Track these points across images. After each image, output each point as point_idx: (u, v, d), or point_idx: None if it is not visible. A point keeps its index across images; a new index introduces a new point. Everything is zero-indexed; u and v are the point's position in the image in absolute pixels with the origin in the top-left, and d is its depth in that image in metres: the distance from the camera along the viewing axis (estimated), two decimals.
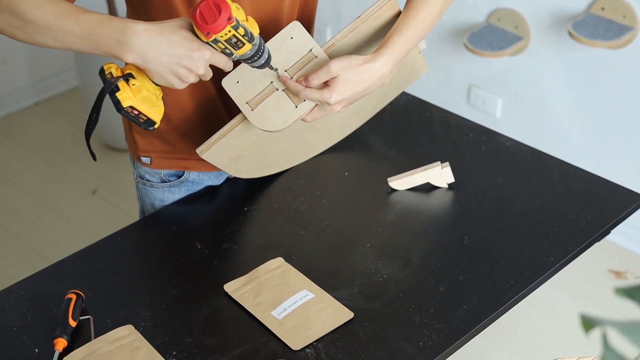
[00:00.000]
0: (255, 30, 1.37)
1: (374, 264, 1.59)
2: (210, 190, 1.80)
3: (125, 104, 1.38)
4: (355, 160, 1.88)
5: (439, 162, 1.78)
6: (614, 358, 0.63)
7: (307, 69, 1.50)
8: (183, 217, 1.74)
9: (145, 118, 1.42)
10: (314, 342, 1.43)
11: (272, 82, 1.51)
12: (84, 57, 3.49)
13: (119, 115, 1.85)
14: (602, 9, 2.77)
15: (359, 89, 1.48)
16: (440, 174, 1.77)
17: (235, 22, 1.30)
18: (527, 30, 3.00)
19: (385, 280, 1.55)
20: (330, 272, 1.57)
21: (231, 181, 1.83)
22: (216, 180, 1.81)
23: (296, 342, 1.42)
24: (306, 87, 1.48)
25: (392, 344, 1.42)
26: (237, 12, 1.32)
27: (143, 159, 1.75)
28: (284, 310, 1.48)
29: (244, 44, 1.35)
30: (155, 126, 1.45)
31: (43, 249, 3.16)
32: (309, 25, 1.69)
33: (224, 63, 1.39)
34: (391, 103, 2.06)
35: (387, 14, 1.56)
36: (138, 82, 1.38)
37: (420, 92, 2.28)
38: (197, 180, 1.78)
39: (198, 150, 1.59)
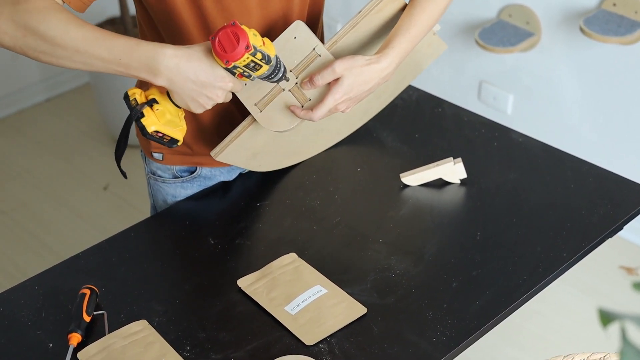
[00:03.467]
0: (271, 52, 1.42)
1: (386, 259, 1.59)
2: (222, 186, 1.81)
3: (150, 129, 1.45)
4: (368, 156, 1.88)
5: (452, 158, 1.78)
6: (632, 352, 0.63)
7: (312, 69, 1.50)
8: (196, 212, 1.74)
9: (169, 138, 1.50)
10: (328, 337, 1.43)
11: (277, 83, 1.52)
12: None
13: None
14: (614, 4, 2.77)
15: (364, 89, 1.50)
16: (452, 170, 1.77)
17: (253, 50, 1.35)
18: (539, 26, 3.00)
19: (398, 275, 1.55)
20: (343, 268, 1.58)
21: (244, 177, 1.83)
22: (228, 176, 1.81)
23: (310, 337, 1.43)
24: (311, 86, 1.49)
25: (405, 339, 1.42)
26: (254, 39, 1.36)
27: (155, 155, 1.75)
28: (298, 306, 1.48)
29: (261, 66, 1.40)
30: (179, 144, 1.51)
31: (54, 244, 3.17)
32: (316, 23, 1.69)
33: (241, 87, 1.47)
34: (402, 99, 2.07)
35: (390, 7, 1.56)
36: (161, 106, 1.45)
37: (431, 88, 2.28)
38: (209, 176, 1.78)
39: (212, 153, 1.62)
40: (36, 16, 1.36)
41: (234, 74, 1.40)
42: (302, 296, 1.50)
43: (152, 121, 1.45)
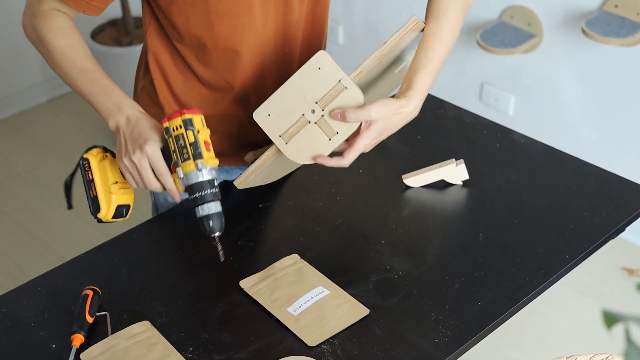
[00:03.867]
0: (207, 157, 1.44)
1: (389, 260, 1.59)
2: (224, 187, 1.81)
3: (86, 154, 1.54)
4: (370, 157, 1.88)
5: (454, 159, 1.78)
6: (637, 353, 0.63)
7: (339, 102, 1.50)
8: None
9: (94, 193, 1.53)
10: (330, 338, 1.43)
11: (303, 114, 1.51)
12: (97, 54, 3.50)
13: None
14: (616, 6, 2.77)
15: (390, 133, 1.54)
16: (454, 171, 1.77)
17: (188, 120, 1.43)
18: (540, 27, 3.00)
19: (401, 277, 1.55)
20: (345, 269, 1.58)
21: None
22: (228, 175, 1.82)
23: (312, 339, 1.43)
24: (341, 120, 1.50)
25: (407, 340, 1.42)
26: (197, 120, 1.44)
27: None
28: (300, 307, 1.48)
29: (188, 157, 1.43)
30: (99, 215, 1.54)
31: (56, 246, 3.17)
32: (322, 25, 1.70)
33: (161, 172, 1.46)
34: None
35: (412, 33, 1.57)
36: (110, 160, 1.54)
37: (433, 89, 2.28)
38: None
39: (235, 183, 1.63)
40: (47, 31, 1.57)
41: (168, 154, 1.45)
42: (304, 297, 1.50)
43: (91, 154, 1.54)
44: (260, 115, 1.54)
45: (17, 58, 3.92)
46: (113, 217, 1.54)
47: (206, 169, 1.44)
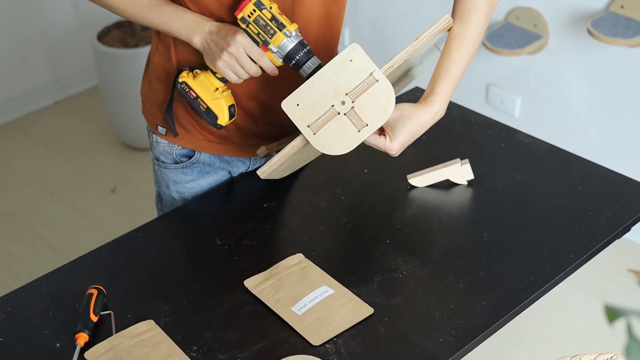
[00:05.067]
0: (287, 24, 1.55)
1: (393, 260, 1.59)
2: (229, 187, 1.81)
3: (180, 79, 1.64)
4: (374, 157, 1.88)
5: (459, 159, 1.78)
6: (638, 348, 0.63)
7: (370, 94, 1.50)
8: (203, 213, 1.75)
9: (205, 106, 1.64)
10: (334, 337, 1.43)
11: (333, 105, 1.51)
12: (104, 56, 3.51)
13: (138, 114, 1.88)
14: (622, 7, 2.76)
15: (417, 136, 1.58)
16: (459, 171, 1.77)
17: (258, 2, 1.53)
18: (546, 28, 3.00)
19: (405, 276, 1.55)
20: (349, 268, 1.58)
21: (250, 178, 1.83)
22: (228, 166, 1.83)
23: (316, 338, 1.43)
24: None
25: (412, 339, 1.42)
26: (268, 1, 1.54)
27: (160, 129, 1.79)
28: (304, 306, 1.48)
29: (275, 31, 1.54)
30: (219, 121, 1.65)
31: (62, 247, 3.18)
32: (337, 24, 1.70)
33: (257, 54, 1.56)
34: (409, 101, 2.06)
35: (443, 32, 1.57)
36: (201, 73, 1.63)
37: None
38: (208, 162, 1.80)
39: (259, 172, 1.62)
40: None
41: (251, 37, 1.55)
42: (308, 296, 1.50)
43: (185, 76, 1.64)
44: (289, 105, 1.53)
45: (23, 60, 3.93)
46: (229, 119, 1.65)
47: (293, 34, 1.55)
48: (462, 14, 1.58)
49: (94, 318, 1.46)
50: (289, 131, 1.77)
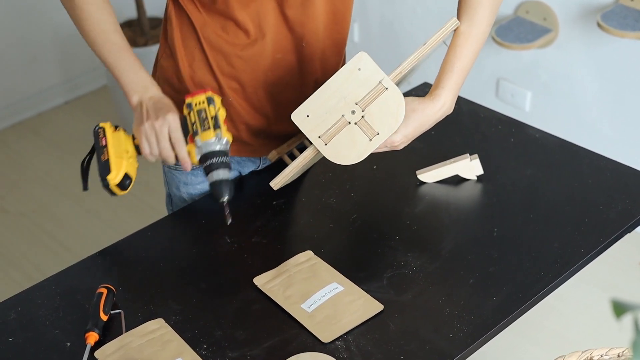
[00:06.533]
0: (224, 130, 1.55)
1: (403, 256, 1.58)
2: (238, 185, 1.81)
3: (101, 124, 1.64)
4: (383, 153, 1.87)
5: (468, 154, 1.77)
6: None
7: (380, 103, 1.50)
8: (212, 211, 1.74)
9: (106, 157, 1.61)
10: (344, 334, 1.43)
11: (343, 115, 1.51)
12: None
13: None
14: None
15: (423, 130, 1.59)
16: (469, 166, 1.76)
17: (211, 98, 1.55)
18: (556, 22, 2.99)
19: (415, 272, 1.55)
20: (359, 265, 1.57)
21: (259, 175, 1.83)
22: (239, 167, 1.82)
23: (326, 335, 1.43)
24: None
25: (422, 336, 1.42)
26: (217, 100, 1.56)
27: None
28: (314, 303, 1.48)
29: (209, 127, 1.53)
30: (109, 177, 1.59)
31: (73, 245, 3.19)
32: (344, 21, 1.70)
33: (177, 140, 1.54)
34: (419, 96, 2.06)
35: (451, 34, 1.58)
36: (121, 131, 1.63)
37: None
38: None
39: (272, 184, 1.64)
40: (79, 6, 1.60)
41: (185, 123, 1.55)
42: (318, 294, 1.50)
43: (105, 125, 1.64)
44: (299, 116, 1.54)
45: (34, 60, 3.93)
46: (117, 185, 1.59)
47: (223, 140, 1.54)
48: (468, 10, 1.58)
49: (104, 317, 1.46)
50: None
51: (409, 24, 3.50)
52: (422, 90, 2.09)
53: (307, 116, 1.53)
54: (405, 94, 2.08)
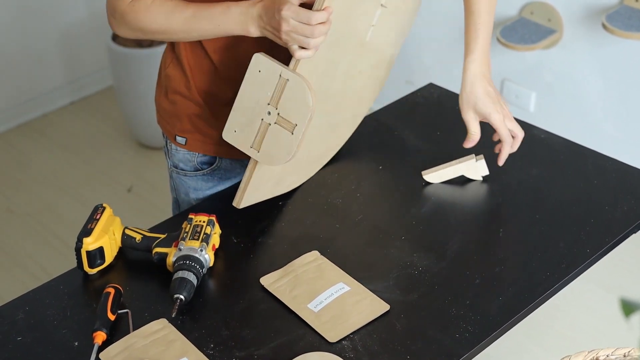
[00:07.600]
0: (209, 253, 1.57)
1: (409, 256, 1.59)
2: None
3: (103, 204, 1.72)
4: (389, 154, 1.88)
5: (473, 155, 1.78)
6: None
7: (287, 95, 1.50)
8: (219, 211, 1.75)
9: (92, 226, 1.65)
10: (351, 334, 1.43)
11: (262, 119, 1.54)
12: (119, 56, 3.51)
13: (153, 114, 1.88)
14: (636, 0, 2.75)
15: (491, 88, 1.80)
16: (474, 167, 1.77)
17: (212, 221, 1.60)
18: (560, 23, 2.99)
19: (421, 272, 1.55)
20: (365, 265, 1.58)
21: None
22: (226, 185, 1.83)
23: (333, 335, 1.43)
24: None
25: (428, 335, 1.42)
26: (217, 227, 1.61)
27: (179, 139, 1.77)
28: (320, 303, 1.49)
29: (198, 238, 1.56)
30: (86, 240, 1.60)
31: None
32: None
33: (306, 17, 1.45)
34: (424, 97, 2.07)
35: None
36: (117, 219, 1.69)
37: (453, 86, 2.27)
38: (229, 168, 1.80)
39: (234, 203, 1.66)
40: (142, 17, 1.58)
41: (177, 235, 1.59)
42: (324, 293, 1.50)
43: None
44: (229, 134, 1.58)
45: (39, 61, 3.94)
46: (88, 254, 1.59)
47: (205, 255, 1.54)
48: None
49: (112, 317, 1.46)
50: None
51: None
52: (427, 91, 2.09)
53: (235, 131, 1.57)
54: (410, 95, 2.09)
